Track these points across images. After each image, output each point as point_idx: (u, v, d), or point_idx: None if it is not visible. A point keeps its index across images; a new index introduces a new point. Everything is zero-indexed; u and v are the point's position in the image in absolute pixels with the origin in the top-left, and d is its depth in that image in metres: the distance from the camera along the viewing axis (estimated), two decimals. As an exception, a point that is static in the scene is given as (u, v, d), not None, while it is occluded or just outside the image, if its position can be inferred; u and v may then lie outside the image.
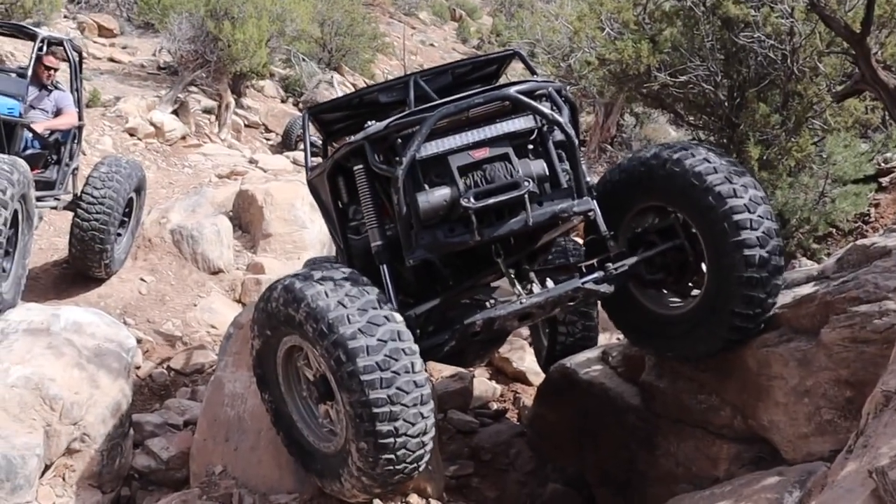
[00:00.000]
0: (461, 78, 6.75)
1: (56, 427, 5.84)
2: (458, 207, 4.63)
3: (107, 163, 9.61)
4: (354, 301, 4.44)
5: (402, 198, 4.68)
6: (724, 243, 4.98)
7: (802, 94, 9.12)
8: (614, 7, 10.23)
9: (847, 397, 4.86)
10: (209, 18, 18.51)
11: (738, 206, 4.91)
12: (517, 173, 4.72)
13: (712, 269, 5.17)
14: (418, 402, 4.46)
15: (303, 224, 11.24)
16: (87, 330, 6.55)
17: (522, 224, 4.72)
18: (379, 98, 6.52)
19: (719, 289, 5.12)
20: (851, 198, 9.62)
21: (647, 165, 5.32)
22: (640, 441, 6.37)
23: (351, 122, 7.07)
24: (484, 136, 4.78)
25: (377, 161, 4.81)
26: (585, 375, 7.04)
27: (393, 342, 4.39)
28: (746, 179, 5.06)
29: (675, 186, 5.15)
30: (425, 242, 4.71)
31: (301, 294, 4.52)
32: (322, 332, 4.37)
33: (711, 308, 5.21)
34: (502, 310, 4.94)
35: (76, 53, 9.54)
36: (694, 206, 5.08)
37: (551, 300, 5.07)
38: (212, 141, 18.20)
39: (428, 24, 39.16)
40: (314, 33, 23.25)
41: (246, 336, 6.23)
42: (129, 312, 9.44)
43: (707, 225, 5.05)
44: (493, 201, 4.64)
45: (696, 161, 5.06)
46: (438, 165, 4.76)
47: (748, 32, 9.15)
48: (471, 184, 4.71)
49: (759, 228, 4.92)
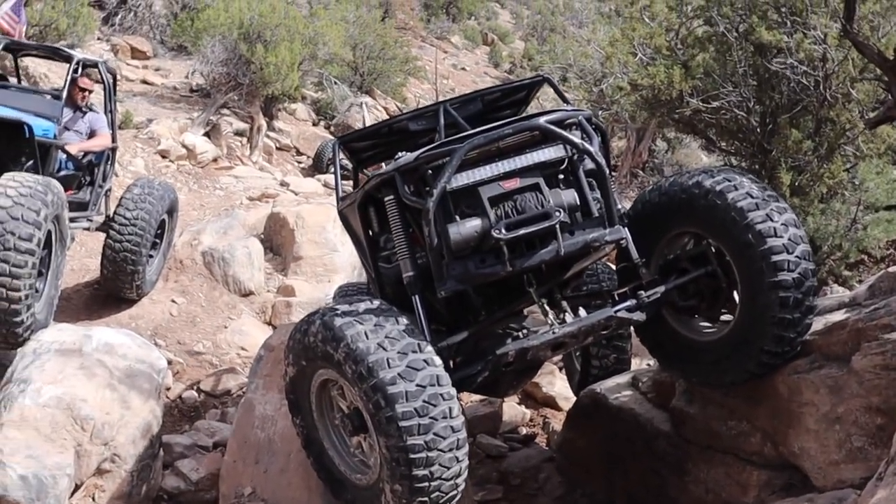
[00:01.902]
0: (491, 105, 6.76)
1: (87, 447, 5.90)
2: (490, 238, 4.62)
3: (139, 185, 9.69)
4: (394, 343, 4.39)
5: (434, 229, 4.67)
6: (760, 282, 4.93)
7: (835, 121, 9.10)
8: (646, 33, 10.24)
9: (878, 424, 4.83)
10: (242, 41, 18.67)
11: (777, 247, 4.86)
12: (548, 203, 4.71)
13: (745, 303, 5.12)
14: (454, 446, 4.44)
15: (334, 247, 11.26)
16: (118, 351, 6.61)
17: (554, 254, 4.71)
18: (409, 126, 6.54)
19: (751, 324, 5.09)
20: (884, 224, 9.56)
21: (689, 193, 5.24)
22: (670, 467, 6.33)
23: (381, 149, 7.11)
24: (514, 167, 4.77)
25: (408, 192, 4.80)
26: (615, 401, 7.02)
27: (432, 387, 4.35)
28: (787, 217, 4.99)
29: (715, 218, 5.09)
30: (457, 273, 4.70)
31: (340, 333, 4.46)
32: (361, 375, 4.33)
33: (742, 341, 5.18)
34: (535, 340, 4.91)
35: (110, 76, 9.64)
36: (733, 240, 5.02)
37: (584, 329, 5.04)
38: (243, 163, 18.30)
39: (460, 48, 39.34)
40: (346, 57, 23.41)
41: (277, 358, 6.26)
42: (159, 334, 9.50)
43: (745, 261, 5.00)
44: (524, 232, 4.63)
45: (738, 195, 4.99)
46: (469, 196, 4.75)
47: (781, 58, 9.13)
48: (502, 214, 4.70)
49: (795, 269, 4.87)
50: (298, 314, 10.23)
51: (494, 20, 46.89)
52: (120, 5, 22.97)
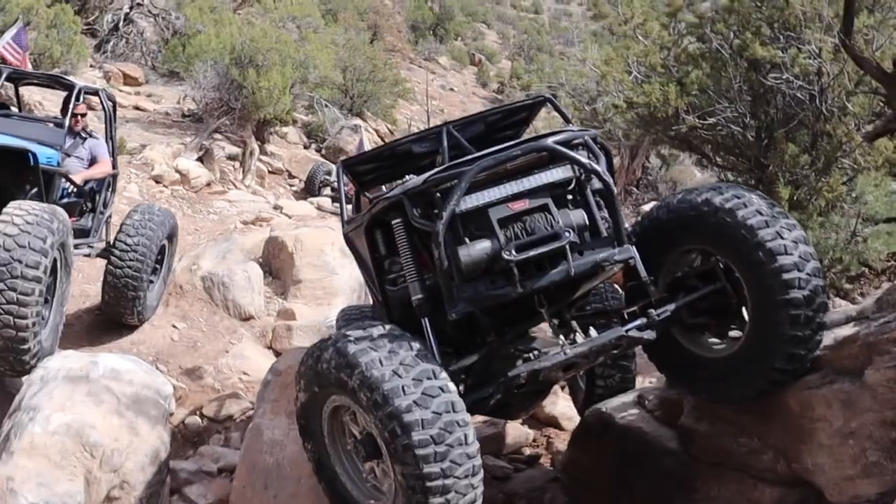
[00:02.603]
0: (493, 125, 6.77)
1: (96, 474, 5.86)
2: (500, 260, 4.61)
3: (140, 210, 9.68)
4: (409, 370, 4.36)
5: (443, 252, 4.65)
6: (771, 300, 4.91)
7: (832, 134, 9.14)
8: (641, 51, 10.30)
9: (893, 438, 4.82)
10: (234, 66, 18.80)
11: (787, 265, 4.83)
12: (557, 224, 4.71)
13: (756, 320, 5.09)
14: (470, 473, 4.42)
15: (333, 270, 11.24)
16: (125, 377, 6.59)
17: (564, 275, 4.68)
18: (412, 148, 6.53)
19: (762, 341, 5.07)
20: (884, 237, 9.60)
21: (698, 210, 5.20)
22: (679, 485, 6.29)
23: (383, 172, 7.10)
24: (522, 188, 4.77)
25: (416, 216, 4.78)
26: (622, 420, 6.99)
27: (448, 414, 4.32)
28: (797, 234, 4.97)
29: (725, 235, 5.06)
30: (467, 296, 4.68)
31: (354, 360, 4.42)
32: (377, 403, 4.29)
33: (752, 358, 5.16)
34: (547, 361, 4.88)
35: (111, 103, 9.66)
36: (743, 257, 5.00)
37: (595, 349, 5.02)
38: (236, 187, 18.38)
39: (448, 69, 39.57)
40: (336, 80, 23.50)
41: (284, 383, 6.25)
42: (161, 359, 9.47)
43: (755, 278, 4.97)
44: (534, 254, 4.62)
45: (748, 213, 4.96)
46: (478, 218, 4.74)
47: (776, 74, 9.18)
48: (511, 236, 4.69)
49: (806, 287, 4.84)
50: (299, 338, 10.23)
51: (481, 41, 47.22)
52: (112, 32, 23.09)
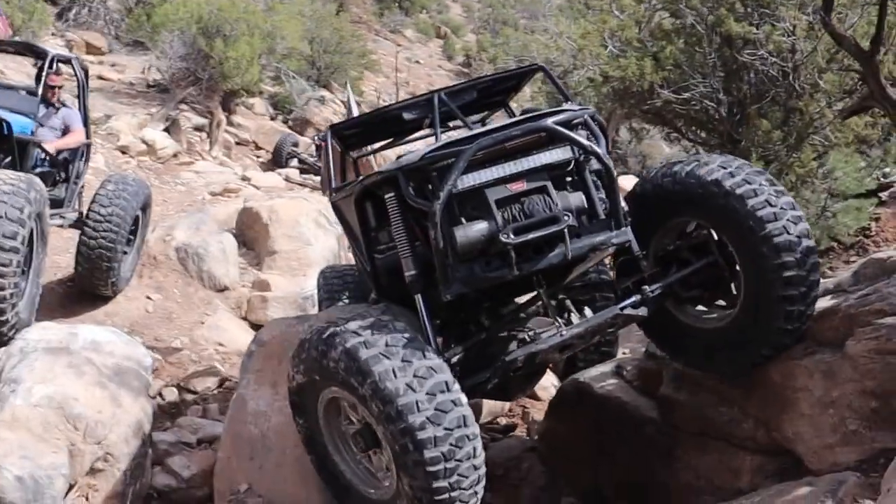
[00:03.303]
0: (484, 92, 6.74)
1: (80, 447, 5.83)
2: (497, 243, 4.55)
3: (113, 180, 9.57)
4: (423, 383, 4.28)
5: (439, 232, 4.58)
6: (765, 267, 4.93)
7: (804, 111, 9.22)
8: (617, 25, 10.32)
9: (872, 408, 4.91)
10: (201, 36, 18.56)
11: (776, 230, 4.84)
12: (556, 207, 4.64)
13: (751, 287, 5.10)
14: (475, 482, 4.45)
15: (308, 241, 11.23)
16: (105, 348, 6.56)
17: (561, 258, 4.63)
18: (402, 115, 6.47)
19: (759, 306, 5.07)
20: (853, 212, 9.74)
21: (683, 183, 5.18)
22: (660, 454, 6.37)
23: (369, 135, 7.08)
24: (521, 168, 4.69)
25: (412, 194, 4.71)
26: (601, 389, 7.04)
27: (459, 429, 4.30)
28: (785, 200, 4.98)
29: (713, 207, 5.06)
30: (462, 277, 4.63)
31: (367, 368, 4.31)
32: (390, 417, 4.24)
33: (751, 324, 5.16)
34: (543, 343, 4.87)
35: (83, 72, 9.54)
36: (733, 227, 5.01)
37: (591, 329, 5.04)
38: (203, 158, 18.21)
39: (413, 42, 39.29)
40: (304, 51, 23.31)
41: (268, 353, 6.25)
42: (136, 331, 9.39)
43: (746, 247, 4.99)
44: (532, 237, 4.56)
45: (736, 182, 4.95)
46: (475, 198, 4.68)
47: (750, 50, 9.25)
48: (509, 218, 4.63)
49: (797, 249, 4.87)
50: (274, 308, 10.23)
51: (446, 13, 46.87)
52: (74, 0, 22.65)
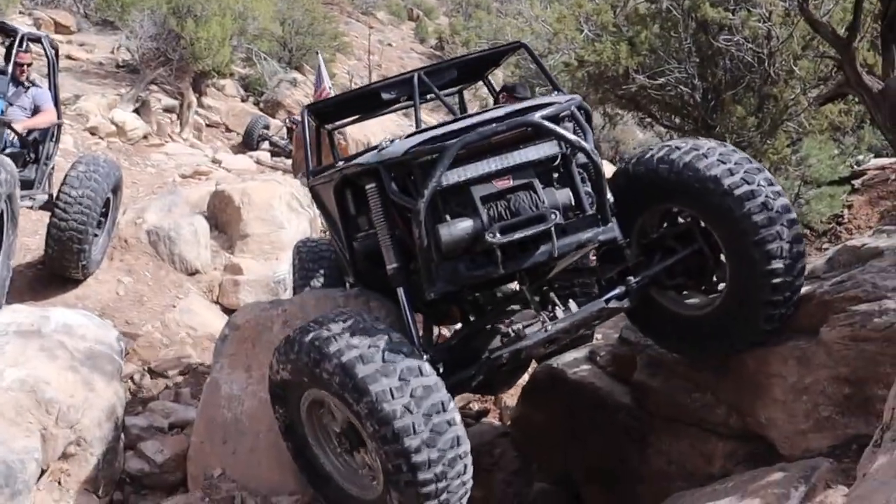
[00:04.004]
0: (464, 70, 6.70)
1: (52, 431, 5.74)
2: (482, 241, 4.47)
3: (84, 162, 9.45)
4: (420, 404, 4.22)
5: (423, 230, 4.50)
6: (754, 271, 4.89)
7: (778, 98, 9.27)
8: (593, 9, 10.32)
9: (846, 394, 4.95)
10: (172, 16, 18.44)
11: (770, 235, 4.80)
12: (542, 204, 4.56)
13: (736, 268, 5.04)
14: (463, 496, 4.46)
15: (280, 224, 11.19)
16: (77, 332, 6.47)
17: (548, 256, 4.58)
18: (381, 94, 6.41)
19: (746, 284, 5.01)
20: (826, 199, 9.80)
21: (680, 174, 5.03)
22: (632, 439, 6.41)
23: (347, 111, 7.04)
24: (507, 164, 4.59)
25: (394, 190, 4.62)
26: (574, 375, 7.07)
27: (452, 450, 4.28)
28: (781, 202, 4.89)
29: (709, 204, 4.95)
30: (446, 275, 4.56)
31: (364, 386, 4.21)
32: (385, 438, 4.19)
33: (741, 303, 5.10)
34: (528, 340, 4.80)
35: (53, 51, 9.42)
36: (727, 226, 4.93)
37: (576, 323, 4.99)
38: (174, 140, 18.14)
39: (385, 24, 39.20)
40: (275, 32, 23.17)
41: (241, 337, 6.21)
42: (106, 314, 9.28)
43: (738, 248, 4.94)
44: (518, 236, 4.49)
45: (735, 182, 4.84)
46: (459, 194, 4.58)
47: (726, 36, 9.28)
48: (494, 215, 4.55)
49: (788, 255, 4.85)
50: (246, 292, 10.19)
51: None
52: (41, -22, 22.41)
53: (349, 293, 6.10)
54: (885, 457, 3.25)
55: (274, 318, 6.12)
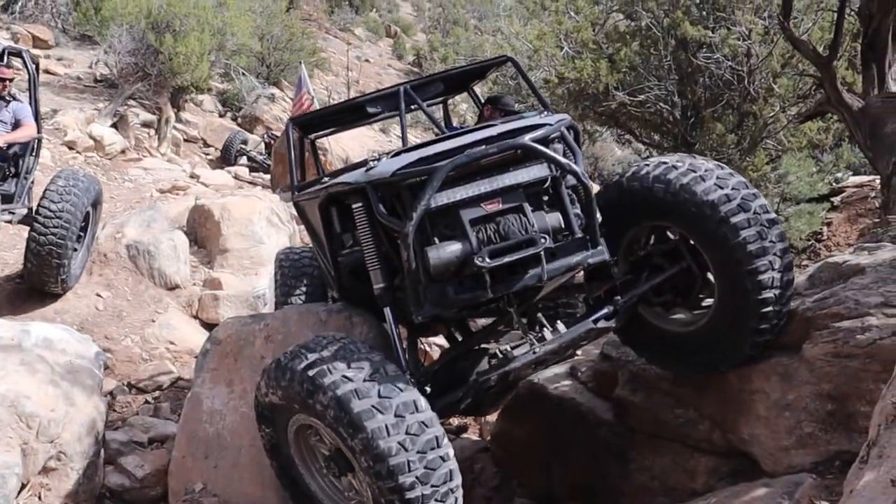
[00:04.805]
0: (450, 83, 6.70)
1: (33, 445, 5.72)
2: (471, 265, 4.41)
3: (64, 176, 9.40)
4: (415, 441, 4.16)
5: (412, 253, 4.44)
6: (744, 300, 4.89)
7: (758, 115, 9.34)
8: (573, 27, 10.37)
9: (828, 410, 4.96)
10: (150, 31, 18.36)
11: (763, 265, 4.79)
12: (532, 228, 4.51)
13: (726, 293, 5.03)
14: None
15: (260, 239, 11.15)
16: (58, 346, 6.45)
17: (537, 279, 4.52)
18: (366, 108, 6.39)
19: (736, 311, 5.01)
20: (806, 217, 9.86)
21: (676, 195, 4.96)
22: (614, 455, 6.39)
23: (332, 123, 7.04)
24: (496, 187, 4.54)
25: (383, 211, 4.56)
26: (555, 391, 7.05)
27: (445, 484, 4.26)
28: (776, 232, 4.89)
29: (705, 228, 4.91)
30: (433, 298, 4.50)
31: (359, 422, 4.13)
32: (380, 474, 4.14)
33: (728, 327, 5.10)
34: (517, 362, 4.78)
35: (34, 65, 9.37)
36: (721, 252, 4.90)
37: (565, 345, 4.96)
38: (151, 155, 18.08)
39: (363, 40, 39.28)
40: (254, 47, 23.15)
41: (223, 352, 6.18)
42: (86, 329, 9.20)
43: (730, 275, 4.92)
44: (508, 260, 4.43)
45: (732, 209, 4.79)
46: (448, 217, 4.52)
47: (706, 53, 9.35)
48: (484, 238, 4.48)
49: (778, 286, 4.86)
50: (226, 307, 10.13)
51: (396, 12, 46.99)
52: (20, -7, 22.29)
53: (331, 308, 6.08)
54: (871, 473, 3.26)
55: (256, 332, 6.11)
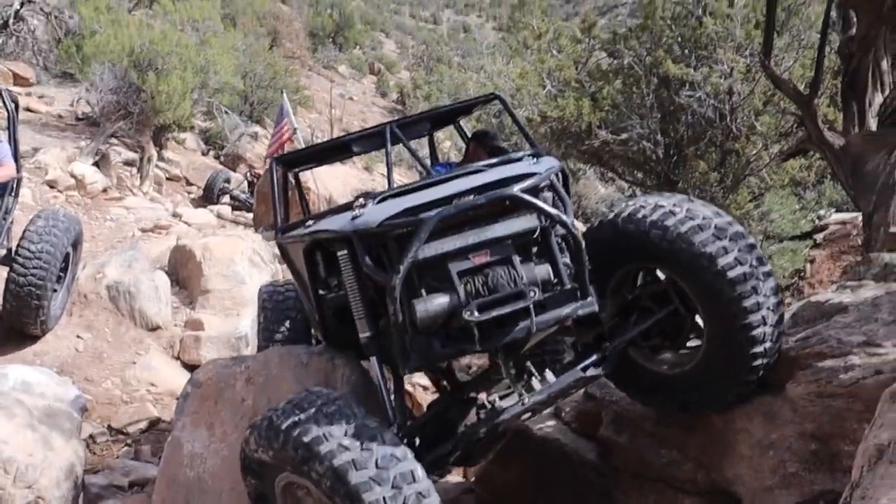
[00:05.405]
0: (437, 120, 6.70)
1: (10, 490, 5.66)
2: (459, 318, 4.30)
3: (44, 216, 9.38)
4: None
5: (398, 307, 4.35)
6: (736, 353, 4.88)
7: (740, 153, 9.39)
8: (556, 65, 10.42)
9: (812, 450, 4.93)
10: (133, 69, 18.35)
11: (756, 321, 4.75)
12: (521, 280, 4.42)
13: (717, 343, 4.99)
14: None
15: (242, 280, 11.10)
16: (36, 389, 6.39)
17: (526, 332, 4.39)
18: (351, 146, 6.37)
19: (725, 361, 4.99)
20: (789, 254, 9.88)
21: (672, 243, 4.88)
22: (598, 496, 6.34)
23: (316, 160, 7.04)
24: (485, 238, 4.46)
25: (369, 264, 4.49)
26: (539, 431, 7.02)
27: None
28: (770, 285, 4.84)
29: (700, 279, 4.84)
30: (421, 350, 4.39)
31: (356, 494, 4.03)
32: None
33: (717, 372, 5.07)
34: (505, 414, 4.70)
35: (13, 103, 9.35)
36: (714, 302, 4.84)
37: (554, 395, 4.91)
38: (133, 194, 18.01)
39: (347, 78, 39.46)
40: (237, 86, 23.18)
41: (204, 395, 6.11)
42: (65, 371, 9.15)
43: (723, 327, 4.88)
44: (496, 314, 4.31)
45: (728, 263, 4.73)
46: (435, 268, 4.43)
47: (688, 91, 9.41)
48: (472, 290, 4.40)
49: (769, 339, 4.86)
50: (207, 348, 10.06)
51: (380, 50, 47.30)
52: (1, 30, 22.27)
53: (313, 350, 6.02)
54: (855, 515, 3.25)
55: (237, 374, 6.05)
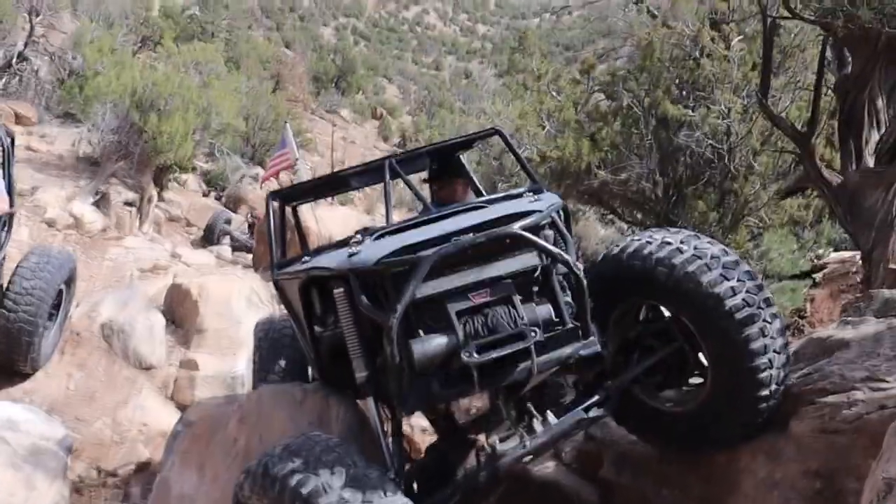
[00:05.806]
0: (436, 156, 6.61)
1: (-10, 532, 5.53)
2: (458, 360, 4.19)
3: (37, 253, 9.30)
4: None
5: (395, 348, 4.23)
6: (740, 394, 4.82)
7: (738, 192, 9.35)
8: (555, 106, 10.41)
9: (816, 488, 4.83)
10: (135, 110, 18.41)
11: (763, 364, 4.67)
12: (521, 320, 4.30)
13: (722, 384, 4.90)
14: None
15: (238, 320, 11.02)
16: (21, 427, 6.29)
17: (526, 374, 4.32)
18: (350, 181, 6.36)
19: (730, 402, 4.92)
20: (788, 293, 9.82)
21: (679, 282, 4.79)
22: (599, 538, 6.25)
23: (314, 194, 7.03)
24: (484, 277, 4.36)
25: (366, 303, 4.38)
26: (538, 473, 6.90)
27: None
28: (777, 326, 4.76)
29: (707, 319, 4.76)
30: (418, 392, 4.30)
31: None
32: None
33: (720, 412, 5.00)
34: (506, 458, 4.58)
35: (9, 139, 9.30)
36: (720, 342, 4.76)
37: (555, 436, 4.78)
38: (133, 234, 17.97)
39: (349, 122, 39.66)
40: (239, 127, 23.25)
41: (194, 434, 5.99)
42: (56, 410, 9.02)
43: (728, 368, 4.80)
44: (496, 355, 4.21)
45: (737, 304, 4.64)
46: (433, 308, 4.33)
47: (687, 132, 9.38)
48: (471, 331, 4.28)
49: (774, 382, 4.80)
50: (202, 389, 9.94)
51: (382, 94, 47.58)
52: (4, 69, 22.38)
53: (307, 388, 5.91)
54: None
55: (229, 414, 5.93)
